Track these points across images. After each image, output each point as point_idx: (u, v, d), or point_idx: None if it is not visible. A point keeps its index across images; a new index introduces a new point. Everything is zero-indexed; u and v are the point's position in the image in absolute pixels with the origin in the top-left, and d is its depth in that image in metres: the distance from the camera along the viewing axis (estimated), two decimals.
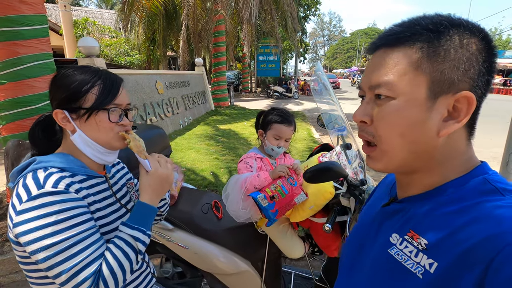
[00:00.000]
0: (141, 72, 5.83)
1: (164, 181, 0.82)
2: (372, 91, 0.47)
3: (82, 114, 0.75)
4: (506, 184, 0.44)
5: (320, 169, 0.98)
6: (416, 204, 0.49)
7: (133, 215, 0.78)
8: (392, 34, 0.45)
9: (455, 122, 0.43)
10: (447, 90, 0.42)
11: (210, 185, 3.46)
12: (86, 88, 0.75)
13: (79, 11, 17.06)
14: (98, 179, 0.83)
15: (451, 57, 0.41)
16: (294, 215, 1.33)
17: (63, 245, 0.65)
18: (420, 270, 0.43)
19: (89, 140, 0.77)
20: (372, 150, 0.49)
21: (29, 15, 2.46)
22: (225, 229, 1.48)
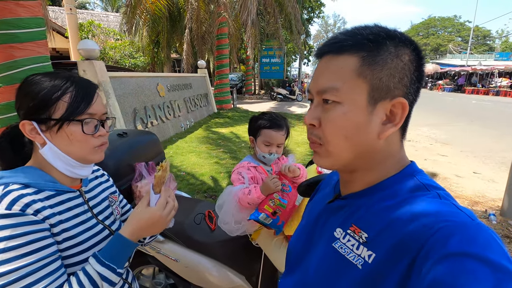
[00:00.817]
0: (142, 75, 5.80)
1: (156, 226, 0.74)
2: (320, 96, 0.50)
3: (52, 125, 0.68)
4: (430, 181, 0.49)
5: (313, 183, 0.91)
6: (357, 200, 0.53)
7: (107, 248, 0.69)
8: (337, 42, 0.48)
9: (392, 126, 0.47)
10: (385, 96, 0.46)
11: (209, 190, 3.39)
12: (56, 95, 0.68)
13: (85, 14, 17.24)
14: (71, 194, 0.76)
15: (388, 66, 0.46)
16: (288, 228, 1.26)
17: (10, 276, 0.57)
18: (360, 261, 0.46)
19: (61, 153, 0.70)
20: (319, 147, 0.52)
21: (26, 18, 2.43)
22: (218, 241, 1.40)
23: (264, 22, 13.90)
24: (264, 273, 1.40)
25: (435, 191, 0.46)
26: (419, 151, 5.91)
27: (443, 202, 0.44)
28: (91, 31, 13.04)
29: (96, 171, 0.92)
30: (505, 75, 21.77)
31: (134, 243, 0.73)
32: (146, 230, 0.73)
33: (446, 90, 24.16)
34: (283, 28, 13.00)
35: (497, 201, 3.52)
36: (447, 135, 7.38)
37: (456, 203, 0.44)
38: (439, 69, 28.15)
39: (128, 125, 4.60)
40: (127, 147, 1.42)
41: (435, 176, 4.45)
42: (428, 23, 52.01)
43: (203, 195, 3.28)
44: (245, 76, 19.36)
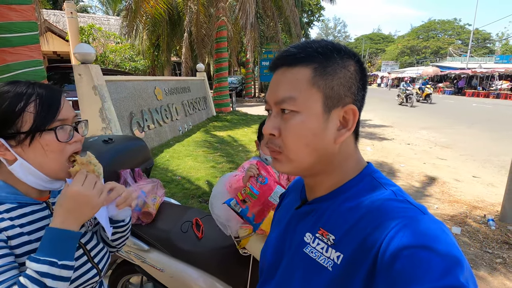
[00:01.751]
0: (139, 79, 5.78)
1: (82, 202, 0.65)
2: (278, 106, 0.51)
3: (23, 139, 0.64)
4: (386, 180, 0.53)
5: None
6: (323, 203, 0.55)
7: (41, 245, 0.63)
8: (290, 54, 0.51)
9: (346, 130, 0.51)
10: (337, 104, 0.50)
11: (204, 195, 3.36)
12: (19, 107, 0.64)
13: (86, 18, 17.33)
14: (35, 206, 0.72)
15: (338, 76, 0.49)
16: None
17: None
18: (330, 263, 0.48)
19: (32, 169, 0.67)
20: (279, 154, 0.53)
21: (18, 22, 2.42)
22: (205, 250, 1.37)
23: (264, 26, 13.93)
24: (252, 283, 1.36)
25: (390, 189, 0.50)
26: (418, 155, 5.87)
27: (398, 199, 0.48)
28: (91, 35, 13.11)
29: None
30: (506, 78, 21.71)
31: (69, 230, 0.65)
32: (74, 211, 0.65)
33: (446, 93, 24.12)
34: (283, 31, 13.03)
35: (496, 206, 3.47)
36: (446, 138, 7.33)
37: (410, 199, 0.48)
38: (439, 72, 28.11)
39: (124, 129, 4.57)
40: (112, 153, 1.39)
41: (434, 180, 4.40)
42: (428, 26, 52.14)
43: (198, 200, 3.25)
44: (245, 79, 19.38)
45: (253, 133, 7.08)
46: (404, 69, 38.09)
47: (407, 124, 9.53)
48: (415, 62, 46.66)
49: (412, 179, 4.51)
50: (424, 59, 45.79)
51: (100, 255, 0.82)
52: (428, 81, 28.27)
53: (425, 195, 3.90)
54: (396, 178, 4.52)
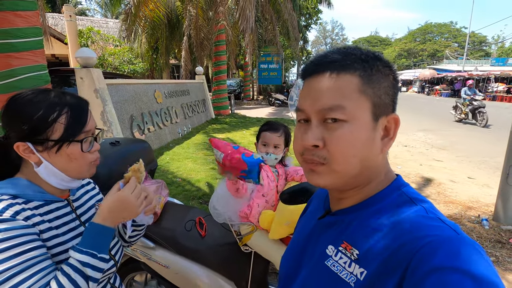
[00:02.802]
0: (139, 82, 5.85)
1: (126, 208, 0.74)
2: (322, 115, 0.48)
3: (51, 146, 0.70)
4: (417, 195, 0.50)
5: (297, 191, 0.94)
6: (348, 216, 0.53)
7: (84, 238, 0.71)
8: (334, 61, 0.49)
9: (389, 140, 0.50)
10: (383, 112, 0.49)
11: (204, 196, 3.41)
12: (52, 117, 0.69)
13: (84, 21, 17.36)
14: (59, 203, 0.79)
15: (382, 84, 0.48)
16: (272, 232, 1.29)
17: (4, 275, 0.62)
18: (352, 279, 0.46)
19: (56, 171, 0.73)
20: (319, 166, 0.50)
21: (23, 28, 2.48)
22: (208, 248, 1.43)
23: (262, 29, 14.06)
24: (253, 279, 1.42)
25: (420, 205, 0.47)
26: (415, 156, 5.95)
27: (429, 217, 0.44)
28: (90, 38, 13.16)
29: (85, 181, 0.96)
30: (502, 80, 21.95)
31: (109, 227, 0.73)
32: (116, 213, 0.74)
33: (443, 95, 24.33)
34: (281, 34, 13.14)
35: (490, 206, 3.55)
36: (443, 140, 7.42)
37: (442, 217, 0.45)
38: (436, 74, 28.37)
39: (125, 131, 4.63)
40: (119, 155, 1.45)
41: (430, 182, 4.48)
42: (425, 29, 52.61)
43: (198, 201, 3.30)
44: (243, 81, 19.48)
45: (251, 135, 7.14)
46: (402, 72, 38.37)
47: (404, 126, 9.62)
48: (412, 64, 47.02)
49: (409, 180, 4.58)
50: (421, 61, 46.14)
51: (116, 247, 0.89)
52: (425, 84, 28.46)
53: None
54: None
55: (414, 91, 31.39)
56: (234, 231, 1.39)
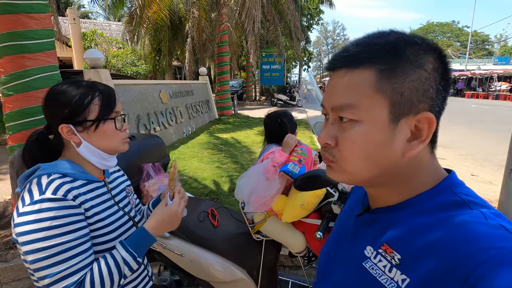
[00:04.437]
0: (145, 83, 5.94)
1: (173, 220, 0.86)
2: (336, 113, 0.46)
3: (89, 125, 0.80)
4: (474, 197, 0.43)
5: (308, 177, 1.00)
6: (388, 215, 0.48)
7: (132, 238, 0.81)
8: (350, 55, 0.44)
9: (419, 143, 0.43)
10: (408, 112, 0.42)
11: (211, 194, 3.48)
12: (87, 100, 0.79)
13: (87, 24, 17.56)
14: (98, 183, 0.87)
15: (410, 78, 0.41)
16: (285, 215, 1.35)
17: (52, 250, 0.68)
18: (393, 285, 0.42)
19: (95, 149, 0.82)
20: (333, 163, 0.48)
21: (37, 29, 2.56)
22: (221, 237, 1.49)
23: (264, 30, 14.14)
24: (264, 267, 1.48)
25: (478, 209, 0.40)
26: None
27: (489, 224, 0.37)
28: (94, 40, 13.30)
29: (115, 167, 1.05)
30: (505, 79, 21.87)
31: (154, 237, 0.83)
32: (166, 225, 0.85)
33: None
34: (283, 35, 13.21)
35: (494, 202, 3.59)
36: (447, 139, 7.44)
37: (507, 224, 0.38)
38: None
39: (132, 131, 4.71)
40: (135, 149, 1.52)
41: None
42: (426, 29, 52.48)
43: (205, 198, 3.36)
44: (245, 82, 19.56)
45: (255, 135, 7.20)
46: None
47: None
48: None
49: None
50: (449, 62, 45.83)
51: None
52: None
53: None
54: None
55: None
56: (247, 220, 1.45)
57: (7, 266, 2.17)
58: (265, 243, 1.48)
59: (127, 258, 0.77)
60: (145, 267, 1.00)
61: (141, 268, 0.97)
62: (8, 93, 2.58)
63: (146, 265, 1.02)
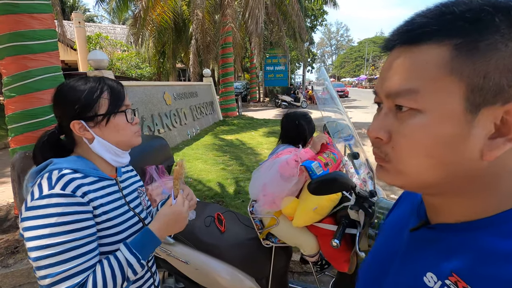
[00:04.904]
0: (150, 84, 5.91)
1: (178, 221, 0.82)
2: (391, 100, 0.37)
3: (101, 120, 0.78)
4: None
5: (325, 180, 0.92)
6: (457, 236, 0.37)
7: (136, 240, 0.78)
8: (415, 28, 0.34)
9: (506, 141, 0.32)
10: (492, 100, 0.31)
11: (216, 196, 3.40)
12: (96, 95, 0.78)
13: (92, 27, 17.70)
14: (109, 181, 0.84)
15: (500, 55, 0.30)
16: (296, 218, 1.26)
17: (56, 249, 0.66)
18: None
19: (108, 145, 0.80)
20: (385, 162, 0.39)
21: (39, 30, 2.52)
22: (228, 243, 1.41)
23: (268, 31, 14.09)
24: (274, 275, 1.40)
25: None
26: None
27: None
28: (98, 43, 13.39)
29: (127, 166, 1.02)
30: None
31: (159, 239, 0.79)
32: (171, 226, 0.81)
33: None
34: (287, 36, 13.16)
35: None
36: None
37: None
38: None
39: None
40: (138, 151, 1.44)
41: None
42: None
43: (210, 200, 3.29)
44: (249, 84, 19.54)
45: (260, 136, 7.13)
46: None
47: None
48: None
49: None
50: None
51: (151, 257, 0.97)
52: None
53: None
54: None
55: None
56: (256, 225, 1.37)
57: (8, 271, 2.11)
58: (275, 249, 1.39)
59: (131, 260, 0.74)
60: (151, 274, 0.95)
61: (147, 274, 0.93)
62: (10, 94, 2.54)
63: (154, 273, 0.97)
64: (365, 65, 61.73)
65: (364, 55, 62.95)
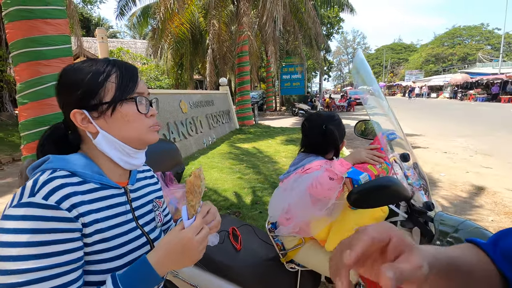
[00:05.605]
0: (165, 92, 5.90)
1: (186, 253, 0.61)
2: None
3: (105, 109, 0.64)
4: None
5: (371, 188, 0.69)
6: None
7: (129, 272, 0.60)
8: None
9: None
10: None
11: (233, 206, 3.20)
12: (102, 78, 0.64)
13: (115, 42, 18.48)
14: (115, 190, 0.68)
15: None
16: (331, 242, 1.02)
17: (21, 277, 0.51)
18: None
19: (116, 141, 0.65)
20: None
21: (53, 35, 2.48)
22: (244, 264, 1.20)
23: (284, 40, 14.05)
24: None
25: None
26: (458, 163, 5.40)
27: None
28: (120, 57, 13.87)
29: (147, 171, 0.86)
30: None
31: (158, 275, 0.60)
32: (176, 259, 0.61)
33: (479, 100, 22.78)
34: (303, 44, 13.06)
35: None
36: (487, 146, 6.76)
37: None
38: (469, 78, 26.77)
39: None
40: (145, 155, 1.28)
41: (482, 190, 3.97)
42: (453, 33, 50.44)
43: (226, 211, 3.09)
44: (265, 93, 19.50)
45: (277, 144, 6.91)
46: (430, 78, 36.71)
47: (439, 132, 8.96)
48: (441, 70, 44.97)
49: (457, 189, 4.10)
50: (451, 66, 44.00)
51: None
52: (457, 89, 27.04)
53: (475, 206, 3.50)
54: (438, 188, 4.13)
55: (446, 97, 29.76)
56: (277, 245, 1.14)
57: None
58: (301, 273, 1.16)
59: None
60: None
61: None
62: (23, 101, 2.50)
63: None
64: (383, 72, 60.48)
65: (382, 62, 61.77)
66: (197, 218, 0.63)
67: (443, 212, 0.82)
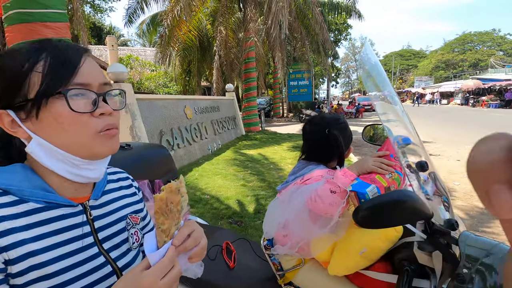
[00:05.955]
0: (169, 98, 5.87)
1: None
2: None
3: (30, 108, 0.47)
4: None
5: (384, 204, 0.56)
6: None
7: None
8: None
9: None
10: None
11: (235, 215, 3.07)
12: (27, 66, 0.47)
13: (125, 50, 18.82)
14: (67, 209, 0.52)
15: None
16: (335, 265, 0.88)
17: None
18: None
19: (55, 149, 0.49)
20: None
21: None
22: (238, 283, 1.07)
23: (291, 47, 14.01)
24: None
25: None
26: None
27: None
28: (129, 64, 14.07)
29: (124, 179, 0.69)
30: None
31: None
32: None
33: (491, 107, 22.18)
34: (310, 50, 13.01)
35: None
36: None
37: None
38: (481, 84, 26.18)
39: None
40: (129, 162, 1.18)
41: None
42: (463, 39, 49.72)
43: (228, 220, 2.96)
44: (272, 100, 19.45)
45: (283, 150, 6.78)
46: (441, 84, 36.08)
47: (453, 139, 8.67)
48: (451, 76, 44.23)
49: (472, 198, 3.88)
50: (462, 72, 43.24)
51: None
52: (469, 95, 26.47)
53: (494, 218, 3.28)
54: (453, 197, 3.91)
55: (457, 103, 29.14)
56: (274, 264, 1.01)
57: None
58: None
59: None
60: None
61: None
62: None
63: None
64: (392, 79, 59.90)
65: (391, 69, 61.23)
66: (169, 250, 0.48)
67: (469, 232, 0.68)
